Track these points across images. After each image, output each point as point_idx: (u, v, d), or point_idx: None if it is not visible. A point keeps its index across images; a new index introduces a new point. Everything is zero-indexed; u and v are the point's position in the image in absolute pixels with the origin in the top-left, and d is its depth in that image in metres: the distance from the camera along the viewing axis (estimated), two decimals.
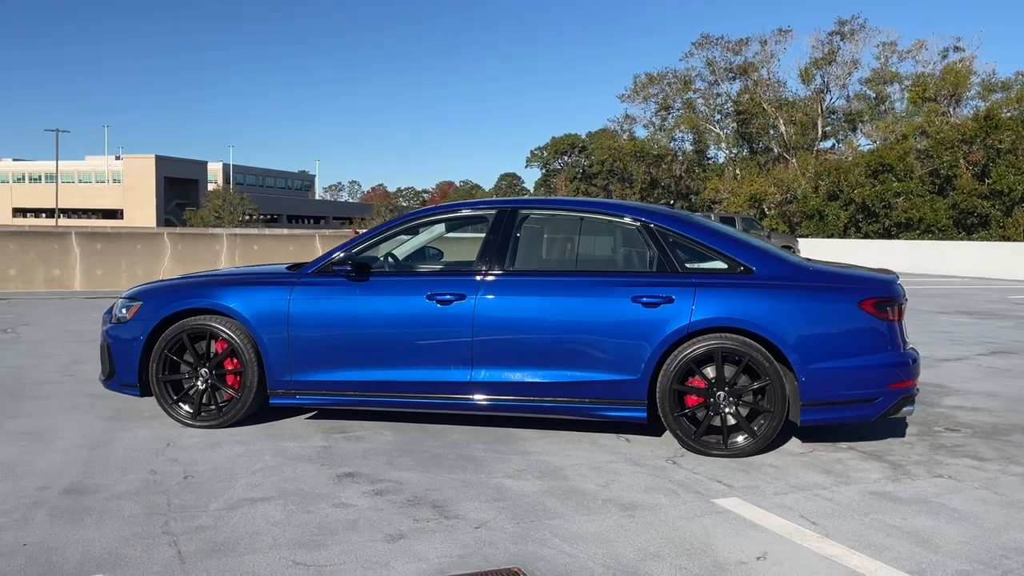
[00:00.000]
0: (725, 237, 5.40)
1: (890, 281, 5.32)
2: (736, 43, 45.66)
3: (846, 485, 4.63)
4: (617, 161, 50.77)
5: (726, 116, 47.48)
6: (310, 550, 3.57)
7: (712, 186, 43.64)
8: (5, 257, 14.69)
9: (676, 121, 48.56)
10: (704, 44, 46.10)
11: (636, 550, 3.66)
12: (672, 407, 5.13)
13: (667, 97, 48.14)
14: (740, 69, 45.92)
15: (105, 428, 5.55)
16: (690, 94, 47.78)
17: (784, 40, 45.52)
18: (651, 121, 49.74)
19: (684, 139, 50.17)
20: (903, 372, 5.14)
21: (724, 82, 46.89)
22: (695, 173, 49.82)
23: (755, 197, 39.21)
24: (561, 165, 68.56)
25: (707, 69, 46.53)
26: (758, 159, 46.44)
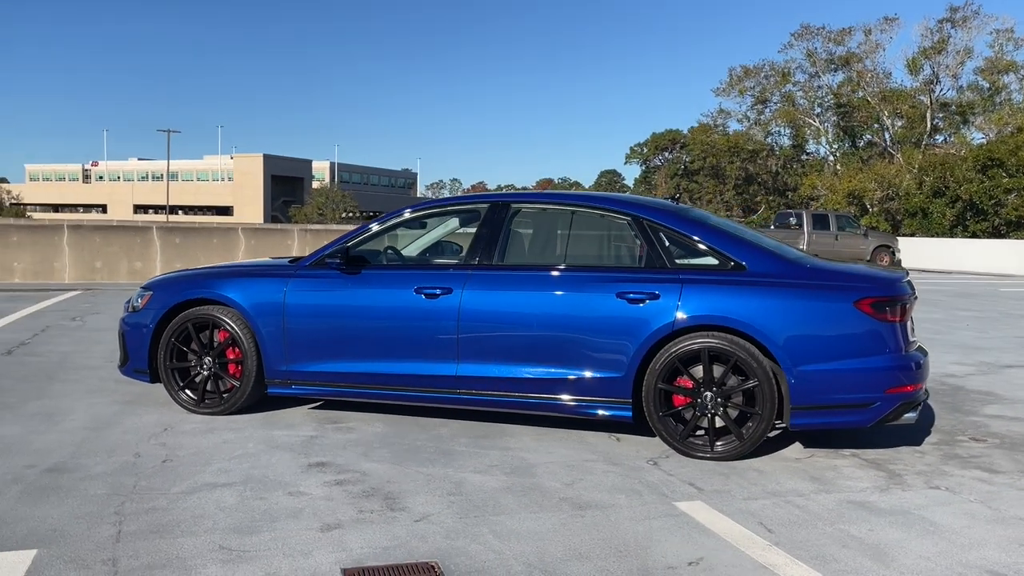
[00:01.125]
0: (718, 232, 5.21)
1: (892, 280, 5.02)
2: (838, 33, 43.95)
3: (827, 493, 4.40)
4: (710, 157, 49.63)
5: (826, 109, 45.77)
6: (242, 535, 3.64)
7: (809, 182, 42.11)
8: (92, 250, 15.55)
9: (773, 115, 47.10)
10: (804, 35, 44.55)
11: (566, 550, 3.57)
12: (657, 407, 4.99)
13: (764, 90, 46.72)
14: (842, 60, 44.16)
15: (116, 412, 5.80)
16: (789, 87, 46.21)
17: (890, 29, 43.52)
18: (745, 115, 48.46)
19: (781, 133, 48.65)
20: (904, 376, 4.85)
21: (825, 74, 45.21)
22: (792, 169, 48.21)
23: (854, 194, 37.65)
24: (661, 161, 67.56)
25: (807, 60, 44.96)
26: (860, 154, 44.58)
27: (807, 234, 27.69)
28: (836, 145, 47.15)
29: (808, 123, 46.48)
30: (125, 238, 15.73)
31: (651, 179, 74.68)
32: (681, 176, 59.54)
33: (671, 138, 64.30)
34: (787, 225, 28.44)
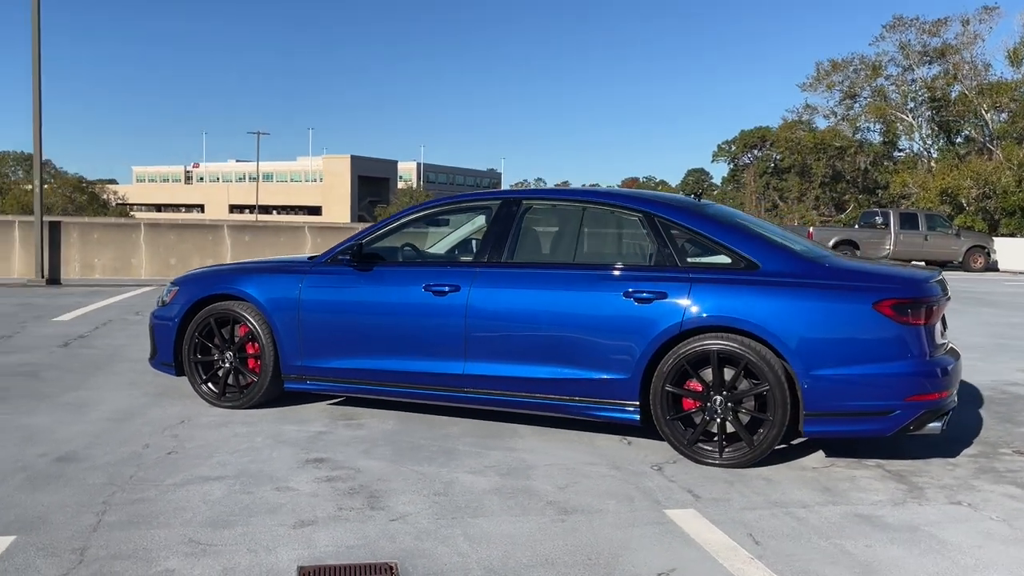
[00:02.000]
0: (732, 229, 5.00)
1: (916, 280, 4.72)
2: (933, 24, 41.91)
3: (834, 505, 4.16)
4: (796, 154, 48.09)
5: (920, 104, 43.78)
6: (215, 529, 3.66)
7: (900, 180, 40.35)
8: (167, 247, 16.13)
9: (862, 110, 45.31)
10: (897, 26, 42.65)
11: (534, 555, 3.47)
12: (665, 410, 4.82)
13: (853, 85, 44.98)
14: (937, 52, 42.12)
15: (143, 404, 5.95)
16: (880, 81, 44.37)
17: (989, 19, 41.25)
18: (832, 111, 46.73)
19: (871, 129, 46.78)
20: (929, 383, 4.55)
21: (919, 67, 43.24)
22: (882, 166, 46.28)
23: (948, 192, 35.92)
24: (750, 159, 65.99)
25: (900, 53, 43.09)
26: (956, 150, 42.52)
27: (894, 234, 26.58)
28: (930, 141, 45.12)
29: (900, 118, 44.58)
30: (197, 236, 16.26)
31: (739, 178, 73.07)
32: (771, 174, 58.00)
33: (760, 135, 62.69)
34: (872, 224, 27.37)
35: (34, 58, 14.88)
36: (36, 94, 14.93)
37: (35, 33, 14.87)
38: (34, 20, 14.84)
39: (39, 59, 14.89)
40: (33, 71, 14.87)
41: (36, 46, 14.88)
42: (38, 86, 14.91)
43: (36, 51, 14.88)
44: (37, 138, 15.15)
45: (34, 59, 14.88)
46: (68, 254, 15.60)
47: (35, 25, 14.87)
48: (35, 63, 14.89)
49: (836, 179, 48.04)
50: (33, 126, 15.05)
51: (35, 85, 14.89)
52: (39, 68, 14.90)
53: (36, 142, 15.19)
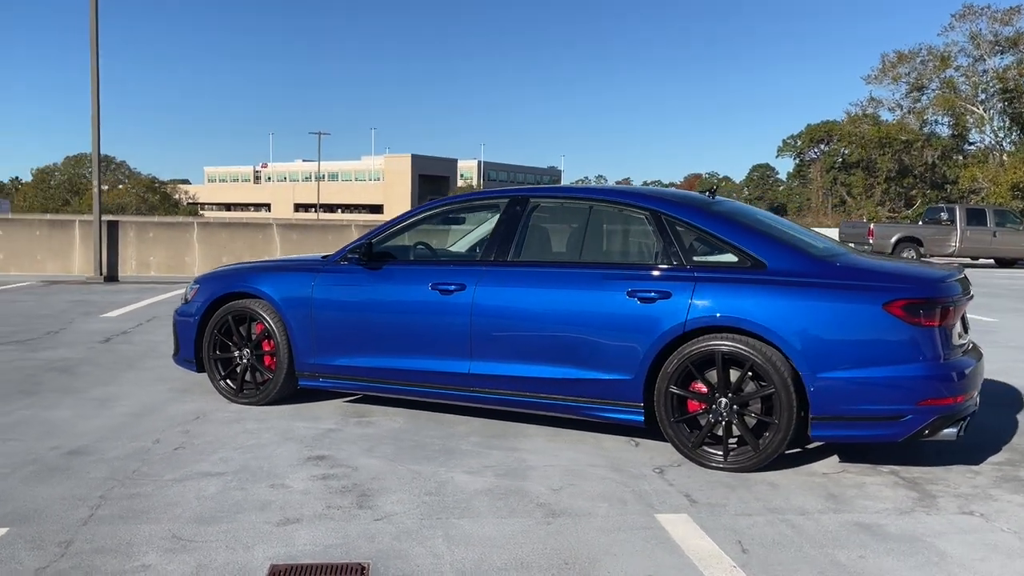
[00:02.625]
0: (740, 228, 4.86)
1: (932, 280, 4.53)
2: (1006, 12, 40.30)
3: (836, 513, 4.02)
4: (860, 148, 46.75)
5: (991, 95, 42.15)
6: (201, 525, 3.70)
7: (969, 174, 38.95)
8: (219, 246, 16.49)
9: (930, 102, 43.81)
10: (967, 15, 41.15)
11: (510, 558, 3.42)
12: (669, 412, 4.72)
13: (920, 76, 43.57)
14: (1010, 41, 40.50)
15: (165, 399, 6.08)
16: (949, 72, 42.89)
17: None
18: (898, 103, 45.27)
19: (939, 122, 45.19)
20: (943, 387, 4.36)
21: (990, 57, 41.66)
22: (951, 160, 44.69)
23: (1020, 186, 34.54)
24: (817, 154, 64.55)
25: (970, 43, 41.59)
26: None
27: (959, 231, 25.66)
28: (1002, 134, 43.43)
29: (970, 110, 43.03)
30: (248, 234, 16.59)
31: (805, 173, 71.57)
32: (838, 169, 56.61)
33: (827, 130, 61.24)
34: (937, 221, 26.47)
35: (92, 66, 15.35)
36: (95, 99, 15.41)
37: (92, 38, 15.34)
38: (92, 27, 15.31)
39: (97, 66, 15.36)
40: (92, 77, 15.35)
41: (94, 51, 15.35)
42: (96, 91, 15.39)
43: (94, 57, 15.36)
44: (96, 141, 15.63)
45: (92, 66, 15.36)
46: (125, 252, 16.06)
47: (92, 32, 15.34)
48: (93, 70, 15.37)
49: (903, 174, 46.59)
50: (92, 131, 15.53)
51: (93, 91, 15.36)
52: (97, 74, 15.37)
53: (95, 145, 15.68)
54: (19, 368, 7.10)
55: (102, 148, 15.70)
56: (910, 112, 45.28)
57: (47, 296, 12.69)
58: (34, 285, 14.24)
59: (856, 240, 26.39)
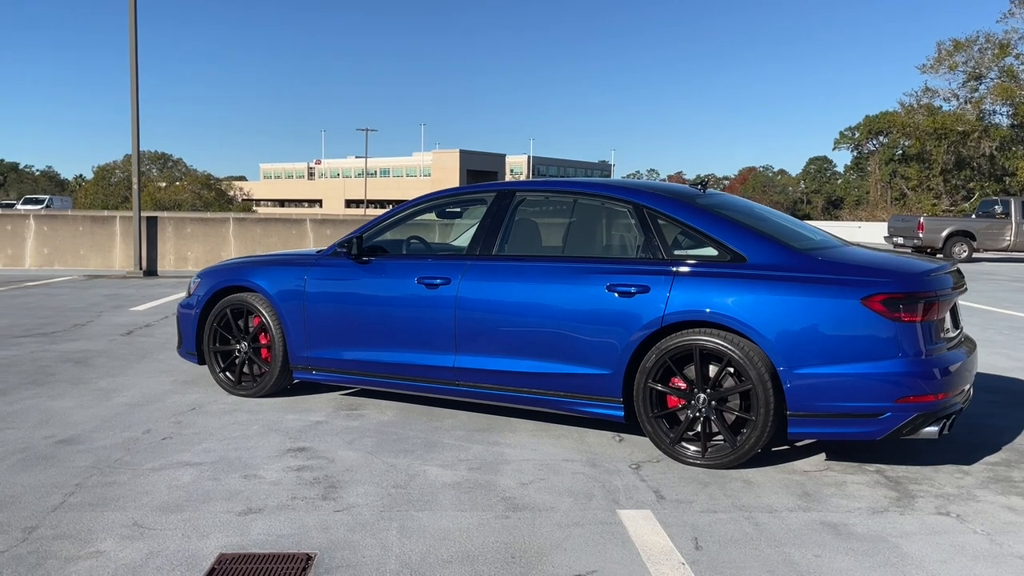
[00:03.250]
0: (722, 221, 4.78)
1: (914, 274, 4.40)
2: None
3: (805, 511, 3.94)
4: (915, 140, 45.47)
5: None
6: (164, 514, 3.78)
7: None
8: (254, 240, 16.78)
9: (988, 91, 42.40)
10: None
11: (457, 552, 3.42)
12: (648, 407, 4.67)
13: (978, 65, 42.21)
14: None
15: (166, 391, 6.21)
16: (1009, 59, 41.45)
17: None
18: (954, 93, 43.89)
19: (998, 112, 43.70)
20: (924, 384, 4.24)
21: None
22: (1011, 152, 43.21)
23: None
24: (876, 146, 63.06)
25: None
26: None
27: (1014, 224, 24.82)
28: None
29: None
30: (282, 230, 16.86)
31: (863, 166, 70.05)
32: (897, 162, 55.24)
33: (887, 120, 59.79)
34: (992, 214, 25.65)
35: (131, 62, 15.73)
36: (134, 101, 15.79)
37: (132, 41, 15.72)
38: (131, 26, 15.69)
39: (136, 64, 15.73)
40: (131, 74, 15.73)
41: (133, 54, 15.73)
42: (135, 89, 15.76)
43: (133, 55, 15.73)
44: (135, 140, 16.01)
45: (131, 63, 15.74)
46: (164, 248, 16.44)
47: (132, 34, 15.71)
48: (132, 67, 15.75)
49: (960, 166, 45.23)
50: (132, 130, 15.92)
51: (132, 88, 15.74)
52: (136, 71, 15.74)
53: (134, 145, 16.07)
54: (36, 359, 7.32)
55: (160, 147, 16.35)
56: (967, 102, 43.95)
57: (84, 290, 13.06)
58: (75, 280, 14.67)
59: (905, 235, 25.75)
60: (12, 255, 16.24)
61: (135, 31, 15.69)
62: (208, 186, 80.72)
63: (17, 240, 16.24)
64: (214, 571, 3.21)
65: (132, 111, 15.82)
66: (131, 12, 15.62)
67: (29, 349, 7.83)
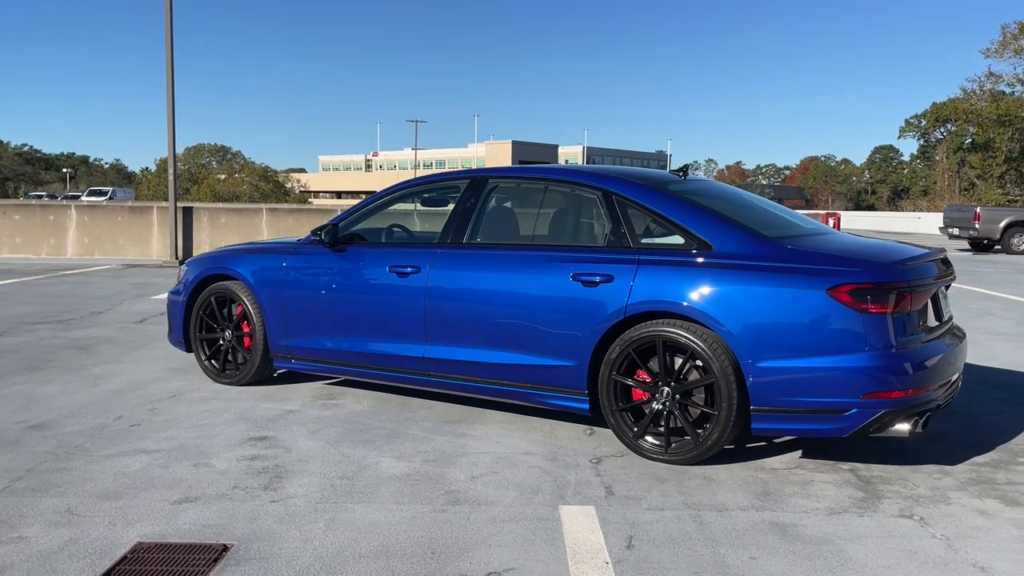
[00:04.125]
0: (691, 208, 4.59)
1: (888, 263, 4.16)
2: None
3: (758, 511, 3.75)
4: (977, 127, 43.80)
5: None
6: (101, 501, 3.76)
7: None
8: (286, 231, 16.90)
9: None
10: None
11: (379, 546, 3.33)
12: (612, 400, 4.52)
13: None
14: None
15: (154, 377, 6.25)
16: None
17: None
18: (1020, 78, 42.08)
19: None
20: (894, 379, 4.01)
21: None
22: None
23: None
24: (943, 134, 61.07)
25: None
26: None
27: None
28: None
29: None
30: (315, 219, 16.97)
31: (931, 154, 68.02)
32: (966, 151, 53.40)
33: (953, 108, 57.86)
34: None
35: (167, 58, 15.99)
36: (169, 93, 16.05)
37: (168, 32, 15.97)
38: (167, 17, 15.94)
39: (171, 61, 15.98)
40: (167, 71, 15.99)
41: (168, 46, 15.98)
42: (171, 85, 16.02)
43: (169, 51, 15.99)
44: (171, 133, 16.28)
45: (167, 59, 15.99)
46: (199, 237, 16.71)
47: (168, 26, 15.97)
48: (168, 64, 16.00)
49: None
50: (168, 122, 16.19)
51: (168, 85, 16.00)
52: (171, 68, 16.00)
53: (170, 137, 16.34)
54: (42, 346, 7.46)
55: (218, 138, 16.34)
56: None
57: (115, 278, 13.33)
58: (111, 268, 14.99)
59: (961, 226, 24.89)
60: (55, 244, 16.68)
61: (170, 28, 15.92)
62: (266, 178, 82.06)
63: (60, 230, 16.68)
64: (126, 559, 3.18)
65: (168, 109, 16.08)
66: (167, 12, 15.86)
67: (40, 336, 7.98)
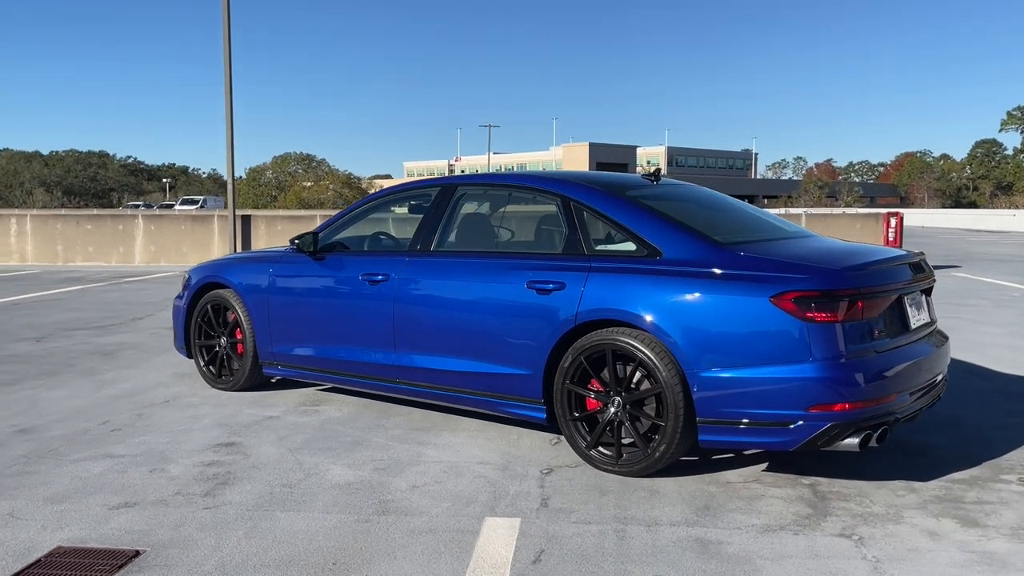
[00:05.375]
0: (644, 214, 4.46)
1: (838, 269, 3.95)
2: None
3: (688, 527, 3.63)
4: None
5: None
6: (44, 504, 3.89)
7: None
8: None
9: None
10: None
11: (285, 556, 3.35)
12: (565, 410, 4.45)
13: None
14: None
15: (160, 383, 6.45)
16: None
17: None
18: None
19: None
20: (843, 391, 3.81)
21: None
22: None
23: None
24: None
25: None
26: None
27: None
28: None
29: None
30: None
31: None
32: None
33: None
34: None
35: (225, 62, 16.53)
36: (228, 100, 16.58)
37: (225, 39, 16.50)
38: (224, 30, 16.47)
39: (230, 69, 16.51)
40: (225, 87, 16.52)
41: (227, 54, 16.51)
42: (229, 90, 16.55)
43: (227, 58, 16.52)
44: (229, 141, 16.81)
45: (225, 64, 16.53)
46: (256, 244, 17.19)
47: (225, 32, 16.50)
48: (227, 69, 16.54)
49: None
50: (226, 130, 16.73)
51: (227, 90, 16.53)
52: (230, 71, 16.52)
53: (228, 146, 16.87)
54: (70, 351, 7.79)
55: (304, 147, 16.86)
56: None
57: (169, 285, 13.81)
58: (171, 275, 15.55)
59: None
60: (123, 252, 17.42)
61: (228, 50, 16.45)
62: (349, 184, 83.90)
63: (128, 239, 17.41)
64: (39, 562, 3.28)
65: (227, 125, 16.60)
66: (224, 36, 16.39)
67: (73, 341, 8.34)
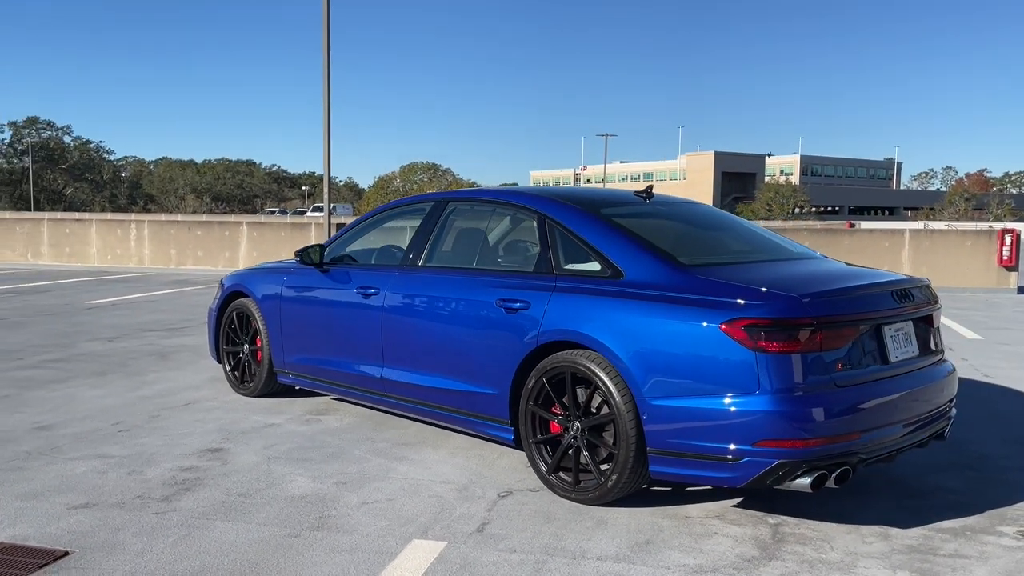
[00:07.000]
0: (613, 233, 4.29)
1: (796, 296, 3.67)
2: None
3: (616, 563, 3.46)
4: None
5: None
6: (16, 500, 4.08)
7: None
8: None
9: None
10: None
11: (197, 565, 3.39)
12: (529, 432, 4.34)
13: None
14: None
15: (190, 386, 6.72)
16: None
17: None
18: None
19: None
20: (794, 426, 3.54)
21: None
22: None
23: None
24: None
25: None
26: None
27: None
28: None
29: None
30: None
31: None
32: None
33: None
34: None
35: (324, 82, 17.11)
36: (326, 114, 17.16)
37: (325, 56, 17.10)
38: (324, 44, 17.07)
39: (328, 83, 17.08)
40: (323, 88, 17.11)
41: (326, 70, 17.10)
42: (327, 103, 17.12)
43: (326, 73, 17.11)
44: (326, 153, 17.39)
45: (324, 83, 17.12)
46: None
47: (325, 49, 17.09)
48: (325, 87, 17.12)
49: None
50: (323, 143, 17.31)
51: (325, 105, 17.12)
52: (328, 84, 17.10)
53: (325, 158, 17.45)
54: (130, 352, 8.23)
55: (435, 158, 17.72)
56: None
57: None
58: None
59: None
60: (229, 257, 18.30)
61: (327, 68, 17.03)
62: None
63: (233, 245, 18.28)
64: None
65: (324, 132, 17.18)
66: (324, 29, 16.98)
67: (140, 342, 8.81)
